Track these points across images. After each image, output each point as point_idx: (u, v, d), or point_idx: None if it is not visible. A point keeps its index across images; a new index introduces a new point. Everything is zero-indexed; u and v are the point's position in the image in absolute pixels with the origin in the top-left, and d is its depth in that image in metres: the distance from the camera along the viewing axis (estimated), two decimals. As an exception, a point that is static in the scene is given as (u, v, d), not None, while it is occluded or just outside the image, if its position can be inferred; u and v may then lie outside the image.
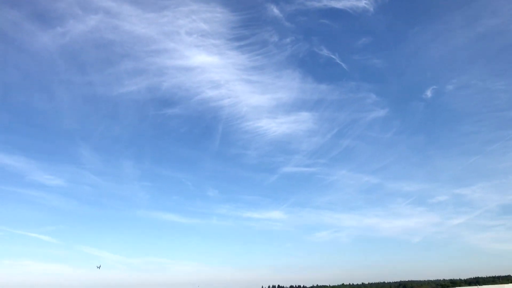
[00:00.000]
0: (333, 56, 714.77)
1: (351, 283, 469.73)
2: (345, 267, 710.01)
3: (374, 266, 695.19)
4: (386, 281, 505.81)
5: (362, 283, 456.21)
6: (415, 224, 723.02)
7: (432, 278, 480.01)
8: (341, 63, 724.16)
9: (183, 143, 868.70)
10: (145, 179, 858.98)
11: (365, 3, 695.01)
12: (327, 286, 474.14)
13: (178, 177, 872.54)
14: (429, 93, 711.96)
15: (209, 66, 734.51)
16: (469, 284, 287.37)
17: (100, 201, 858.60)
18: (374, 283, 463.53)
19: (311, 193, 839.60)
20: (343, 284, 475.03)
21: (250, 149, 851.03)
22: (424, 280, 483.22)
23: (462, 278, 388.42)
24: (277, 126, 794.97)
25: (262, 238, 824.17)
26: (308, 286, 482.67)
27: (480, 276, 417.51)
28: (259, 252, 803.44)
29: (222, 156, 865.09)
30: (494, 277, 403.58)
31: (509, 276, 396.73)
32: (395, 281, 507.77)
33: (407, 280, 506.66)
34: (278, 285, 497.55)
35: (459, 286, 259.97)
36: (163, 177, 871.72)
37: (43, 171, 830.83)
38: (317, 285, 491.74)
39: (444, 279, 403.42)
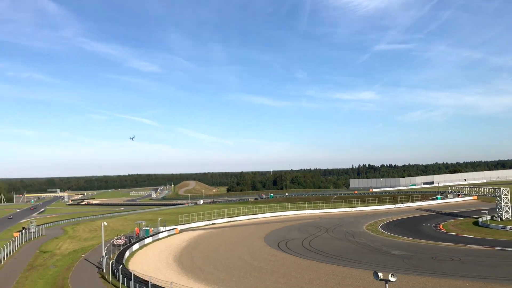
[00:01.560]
0: None
1: (445, 162, 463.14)
2: (439, 147, 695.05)
3: (471, 145, 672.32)
4: (483, 160, 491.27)
5: (457, 162, 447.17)
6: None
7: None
8: None
9: (270, 23, 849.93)
10: (234, 62, 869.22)
11: None
12: (419, 165, 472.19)
13: (266, 60, 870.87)
14: None
15: None
16: None
17: (194, 86, 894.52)
18: (470, 162, 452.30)
19: (405, 72, 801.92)
20: (436, 163, 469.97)
21: (340, 27, 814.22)
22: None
23: None
24: (369, 0, 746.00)
25: (352, 119, 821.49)
26: (399, 165, 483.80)
27: None
28: (349, 133, 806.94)
29: (310, 35, 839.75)
30: None
31: None
32: (493, 160, 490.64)
33: (506, 159, 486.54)
34: (369, 164, 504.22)
35: None
36: (252, 60, 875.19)
37: (139, 58, 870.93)
38: (409, 164, 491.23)
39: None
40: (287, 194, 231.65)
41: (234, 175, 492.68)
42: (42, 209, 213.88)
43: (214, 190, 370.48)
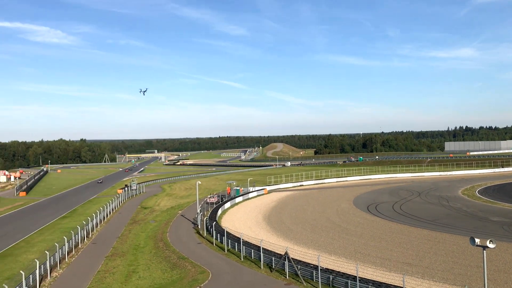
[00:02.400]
0: None
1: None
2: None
3: None
4: None
5: None
6: None
7: None
8: None
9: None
10: (322, 22, 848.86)
11: None
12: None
13: (356, 18, 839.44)
14: None
15: None
16: None
17: (281, 47, 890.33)
18: None
19: (510, 26, 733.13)
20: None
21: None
22: None
23: None
24: None
25: (449, 78, 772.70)
26: (501, 127, 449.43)
27: None
28: (445, 93, 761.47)
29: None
30: None
31: None
32: None
33: None
34: (466, 126, 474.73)
35: None
36: (340, 19, 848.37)
37: (227, 22, 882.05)
38: (511, 126, 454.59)
39: None
40: (377, 157, 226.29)
41: (321, 138, 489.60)
42: (142, 169, 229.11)
43: (301, 153, 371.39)
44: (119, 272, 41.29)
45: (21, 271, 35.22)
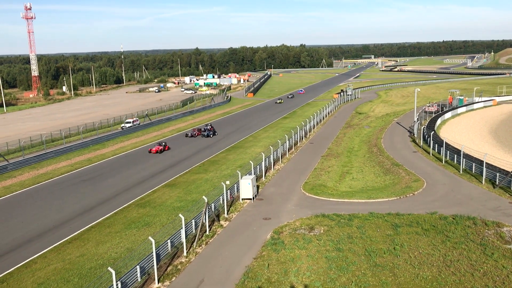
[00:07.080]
0: None
1: None
2: None
3: None
4: None
5: None
6: None
7: None
8: None
9: None
10: None
11: None
12: None
13: None
14: None
15: None
16: None
17: None
18: None
19: None
20: None
21: None
22: None
23: None
24: None
25: None
26: None
27: None
28: None
29: None
30: None
31: None
32: None
33: None
34: None
35: None
36: None
37: None
38: None
39: None
40: None
41: None
42: (357, 74, 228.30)
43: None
44: (334, 171, 43.55)
45: (250, 161, 40.15)
